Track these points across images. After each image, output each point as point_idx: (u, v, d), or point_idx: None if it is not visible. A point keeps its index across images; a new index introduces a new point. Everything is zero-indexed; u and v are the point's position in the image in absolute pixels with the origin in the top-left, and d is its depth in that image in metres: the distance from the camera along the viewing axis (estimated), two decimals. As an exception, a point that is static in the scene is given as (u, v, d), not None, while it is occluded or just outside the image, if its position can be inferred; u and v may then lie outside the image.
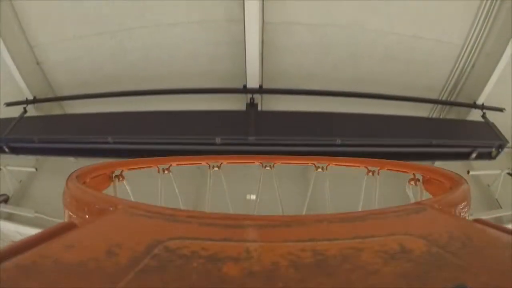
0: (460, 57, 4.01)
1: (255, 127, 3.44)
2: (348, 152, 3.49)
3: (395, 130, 3.63)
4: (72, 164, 5.16)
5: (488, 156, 3.86)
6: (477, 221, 0.52)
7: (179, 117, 3.63)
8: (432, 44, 3.83)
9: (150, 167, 1.82)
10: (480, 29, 3.67)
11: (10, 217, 4.45)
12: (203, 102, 3.93)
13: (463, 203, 0.76)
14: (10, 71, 4.11)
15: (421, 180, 1.37)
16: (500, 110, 4.15)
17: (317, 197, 4.47)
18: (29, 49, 4.11)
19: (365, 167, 1.88)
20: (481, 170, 4.71)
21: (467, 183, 0.96)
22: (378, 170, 1.81)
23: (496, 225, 0.47)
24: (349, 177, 4.69)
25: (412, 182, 1.41)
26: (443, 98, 4.41)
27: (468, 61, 4.03)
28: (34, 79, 4.34)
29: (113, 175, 1.41)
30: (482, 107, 4.08)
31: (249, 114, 3.64)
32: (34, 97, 4.34)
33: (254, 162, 2.19)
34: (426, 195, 1.31)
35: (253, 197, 4.32)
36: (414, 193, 1.41)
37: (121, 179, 1.43)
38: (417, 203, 0.78)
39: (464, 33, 3.75)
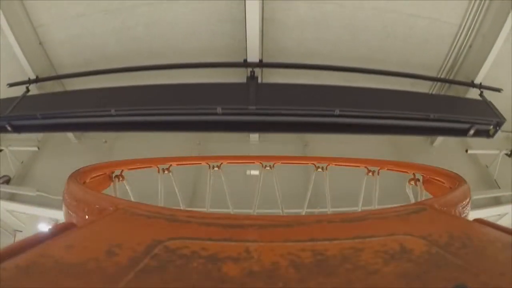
0: (457, 37, 4.07)
1: (255, 97, 3.45)
2: (346, 124, 3.51)
3: (394, 103, 3.65)
4: (74, 144, 5.20)
5: (486, 133, 3.86)
6: (477, 221, 0.52)
7: (181, 89, 3.64)
8: (429, 23, 3.87)
9: (150, 167, 1.82)
10: (477, 10, 3.71)
11: (12, 197, 4.45)
12: (204, 78, 3.97)
13: (463, 203, 0.76)
14: (13, 52, 4.17)
15: (421, 180, 1.37)
16: (498, 90, 4.18)
17: (316, 173, 4.44)
18: (32, 30, 4.13)
19: (365, 167, 1.88)
20: (479, 149, 4.77)
21: (467, 183, 0.96)
22: (378, 170, 1.81)
23: (496, 225, 0.47)
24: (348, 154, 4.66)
25: (412, 182, 1.41)
26: (441, 77, 4.48)
27: (465, 41, 4.09)
28: (36, 59, 4.39)
29: (113, 175, 1.41)
30: (480, 86, 4.12)
31: (250, 85, 3.64)
32: (37, 76, 4.36)
33: (254, 162, 2.19)
34: (426, 195, 1.31)
35: (253, 172, 4.38)
36: (414, 193, 1.41)
37: (121, 179, 1.43)
38: (417, 203, 0.78)
39: (461, 13, 3.79)
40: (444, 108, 3.82)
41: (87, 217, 0.65)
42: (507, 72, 4.18)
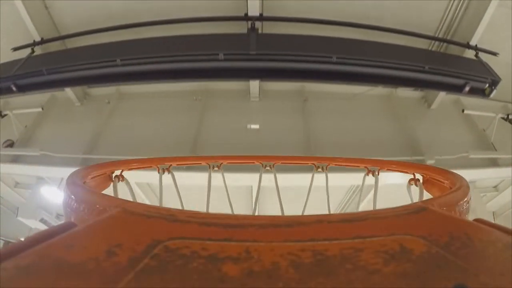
0: (452, -1, 4.16)
1: (255, 44, 3.62)
2: (343, 72, 3.65)
3: (390, 54, 3.82)
4: (76, 107, 5.29)
5: (482, 93, 3.94)
6: (478, 220, 0.52)
7: (184, 39, 3.82)
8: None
9: (150, 167, 1.82)
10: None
11: (15, 160, 4.54)
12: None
13: (463, 203, 0.76)
14: (20, 17, 4.33)
15: (421, 180, 1.37)
16: (494, 54, 4.24)
17: (315, 129, 4.62)
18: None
19: (365, 167, 1.88)
20: (476, 111, 4.91)
21: (467, 182, 0.96)
22: (378, 170, 1.81)
23: (497, 225, 0.47)
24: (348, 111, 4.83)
25: (412, 182, 1.41)
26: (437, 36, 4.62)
27: (460, 4, 4.14)
28: (42, 22, 4.58)
29: (113, 175, 1.41)
30: (475, 48, 4.19)
31: (250, 35, 3.82)
32: (42, 39, 4.44)
33: (254, 162, 2.18)
34: (426, 195, 1.31)
35: (253, 126, 4.50)
36: (414, 193, 1.41)
37: (121, 179, 1.43)
38: (417, 203, 0.78)
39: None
40: (440, 63, 3.91)
41: (87, 217, 0.65)
42: (504, 39, 4.27)
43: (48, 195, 5.66)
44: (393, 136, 4.75)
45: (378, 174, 1.83)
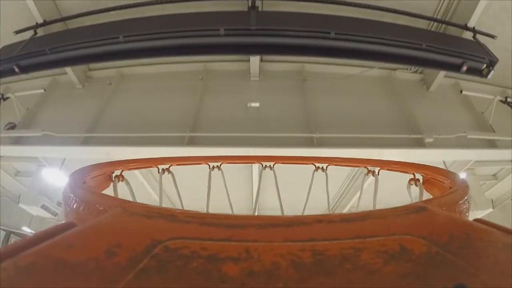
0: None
1: (256, 20, 3.69)
2: (341, 48, 3.70)
3: (388, 31, 3.83)
4: (78, 89, 5.34)
5: (479, 73, 3.93)
6: (478, 220, 0.52)
7: (186, 17, 3.91)
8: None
9: (150, 167, 1.82)
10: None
11: (17, 141, 4.57)
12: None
13: (463, 203, 0.76)
14: (23, 3, 4.26)
15: (421, 180, 1.37)
16: (492, 36, 4.25)
17: (315, 107, 4.69)
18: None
19: (365, 167, 1.87)
20: (474, 92, 5.01)
21: (467, 182, 0.96)
22: (378, 170, 1.81)
23: (497, 225, 0.47)
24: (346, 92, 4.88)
25: (412, 182, 1.41)
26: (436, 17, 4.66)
27: None
28: (44, 6, 4.51)
29: (113, 175, 1.41)
30: (473, 30, 4.21)
31: (250, 12, 3.90)
32: (44, 21, 4.48)
33: (254, 162, 2.19)
34: (426, 195, 1.31)
35: (253, 104, 4.58)
36: (414, 193, 1.41)
37: (121, 179, 1.43)
38: (417, 203, 0.78)
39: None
40: (437, 42, 3.93)
41: (87, 217, 0.65)
42: (502, 24, 4.29)
43: (49, 178, 5.67)
44: (392, 115, 4.80)
45: (378, 174, 1.83)
